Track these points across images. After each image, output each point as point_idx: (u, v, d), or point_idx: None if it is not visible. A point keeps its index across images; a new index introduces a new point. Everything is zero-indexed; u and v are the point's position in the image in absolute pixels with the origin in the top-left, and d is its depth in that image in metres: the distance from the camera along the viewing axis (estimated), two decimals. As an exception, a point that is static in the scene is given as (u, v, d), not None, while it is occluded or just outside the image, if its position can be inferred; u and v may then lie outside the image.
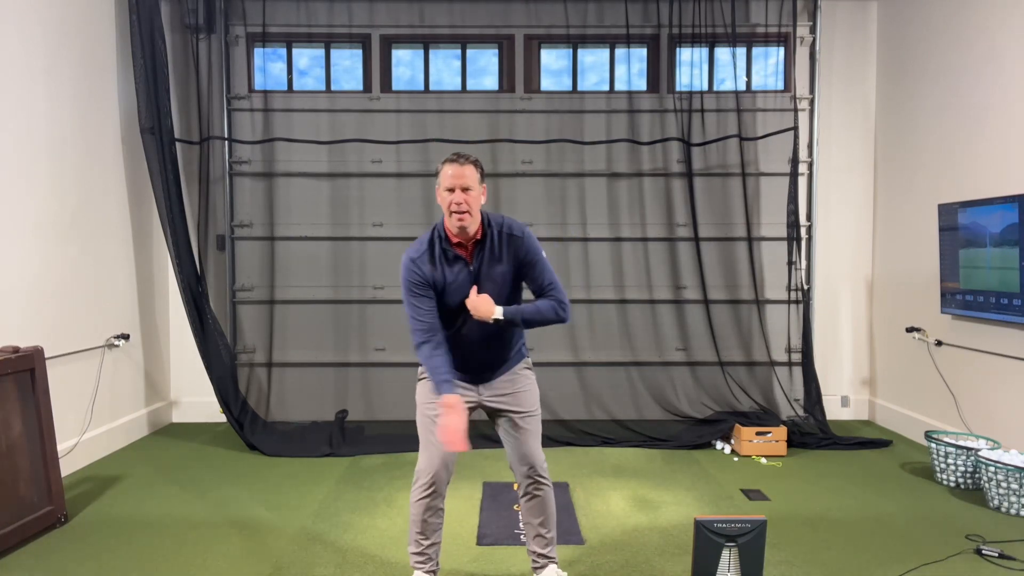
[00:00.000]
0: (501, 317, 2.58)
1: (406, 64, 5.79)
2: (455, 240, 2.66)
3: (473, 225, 2.62)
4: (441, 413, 2.56)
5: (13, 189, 4.00)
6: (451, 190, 2.57)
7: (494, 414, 2.84)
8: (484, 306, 2.59)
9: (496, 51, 5.80)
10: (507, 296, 2.69)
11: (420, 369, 2.87)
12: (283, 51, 5.76)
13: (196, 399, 5.77)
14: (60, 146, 4.41)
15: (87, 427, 4.64)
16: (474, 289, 2.63)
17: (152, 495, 4.09)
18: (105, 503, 3.95)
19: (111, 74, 4.99)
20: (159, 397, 5.65)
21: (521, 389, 2.80)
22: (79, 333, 4.58)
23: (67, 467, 4.33)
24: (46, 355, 3.75)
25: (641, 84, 5.78)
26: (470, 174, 2.58)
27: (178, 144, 5.34)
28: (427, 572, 2.78)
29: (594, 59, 5.82)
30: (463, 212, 2.56)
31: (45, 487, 3.57)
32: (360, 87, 5.76)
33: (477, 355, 2.75)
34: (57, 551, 3.32)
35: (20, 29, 4.06)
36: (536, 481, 2.79)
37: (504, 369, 2.80)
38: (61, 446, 4.19)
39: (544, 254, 2.71)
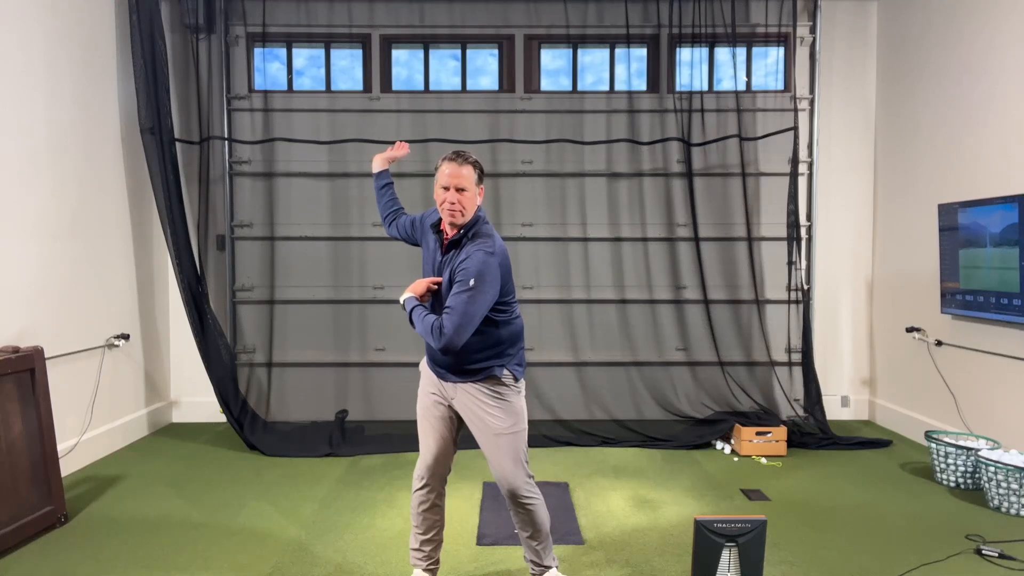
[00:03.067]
0: (400, 302, 2.66)
1: (402, 64, 5.78)
2: (442, 227, 2.71)
3: (462, 223, 2.63)
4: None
5: (13, 189, 4.00)
6: (446, 188, 2.58)
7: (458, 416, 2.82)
8: (412, 288, 2.65)
9: (494, 51, 5.80)
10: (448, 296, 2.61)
11: (421, 363, 2.90)
12: (279, 51, 5.76)
13: (196, 399, 5.77)
14: (60, 146, 4.40)
15: (87, 427, 4.64)
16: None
17: (152, 495, 4.09)
18: (105, 503, 3.95)
19: (111, 74, 4.99)
20: (159, 397, 5.65)
21: (477, 411, 2.69)
22: (79, 333, 4.57)
23: (67, 467, 4.33)
24: (46, 355, 3.75)
25: (641, 84, 5.78)
26: (467, 174, 2.58)
27: (178, 144, 5.33)
28: (425, 571, 2.78)
29: (591, 59, 5.82)
30: (455, 212, 2.57)
31: (45, 487, 3.56)
32: (357, 87, 5.76)
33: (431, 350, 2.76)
34: (57, 551, 3.32)
35: (20, 29, 4.06)
36: (518, 501, 2.70)
37: (464, 379, 2.70)
38: (61, 446, 4.18)
39: (476, 283, 2.50)
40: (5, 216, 3.93)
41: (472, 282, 2.49)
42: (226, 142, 5.60)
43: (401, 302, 2.64)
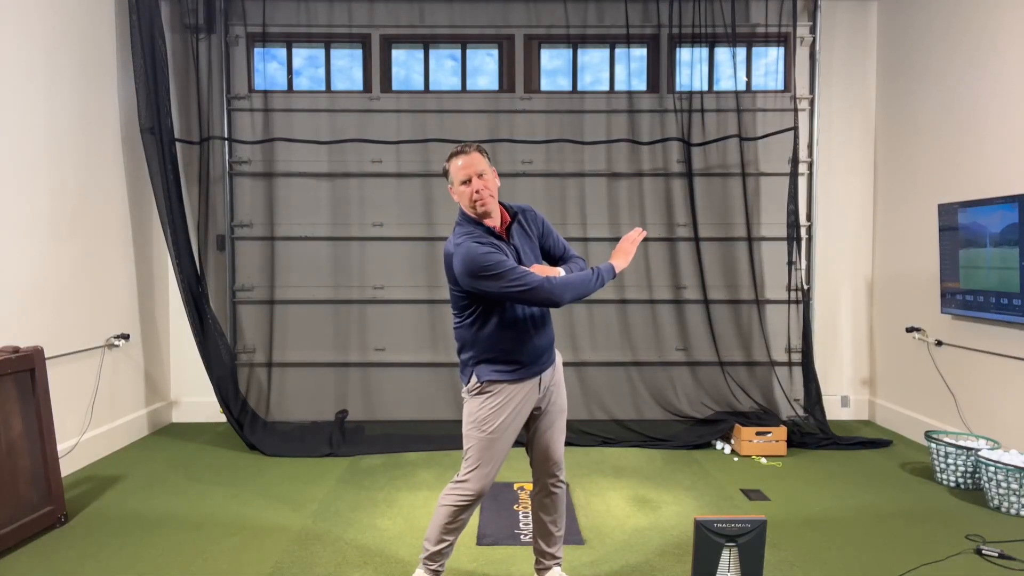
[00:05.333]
0: (564, 274, 2.63)
1: (400, 64, 5.78)
2: (490, 225, 2.62)
3: (496, 207, 2.62)
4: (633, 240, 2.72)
5: (13, 189, 4.00)
6: (467, 182, 2.56)
7: (538, 409, 2.74)
8: (549, 272, 2.59)
9: (491, 51, 5.80)
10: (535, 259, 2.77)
11: (470, 384, 2.67)
12: (277, 51, 5.75)
13: (196, 399, 5.77)
14: (60, 146, 4.41)
15: (87, 427, 4.64)
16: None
17: (152, 495, 4.09)
18: (105, 503, 3.95)
19: (111, 74, 4.99)
20: (159, 397, 5.65)
21: (562, 382, 2.83)
22: (79, 333, 4.57)
23: (67, 467, 4.33)
24: (46, 355, 3.75)
25: (641, 84, 5.78)
26: (478, 160, 2.58)
27: (178, 144, 5.34)
28: (433, 571, 2.76)
29: (589, 58, 5.81)
30: (486, 198, 2.56)
31: (45, 487, 3.56)
32: (355, 87, 5.76)
33: (536, 338, 2.65)
34: (57, 551, 3.32)
35: (20, 29, 4.06)
36: (557, 479, 2.83)
37: (554, 355, 2.80)
38: (61, 446, 4.19)
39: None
40: (5, 216, 3.93)
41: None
42: (226, 142, 5.60)
43: (562, 273, 2.62)
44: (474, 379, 2.66)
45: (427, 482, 4.34)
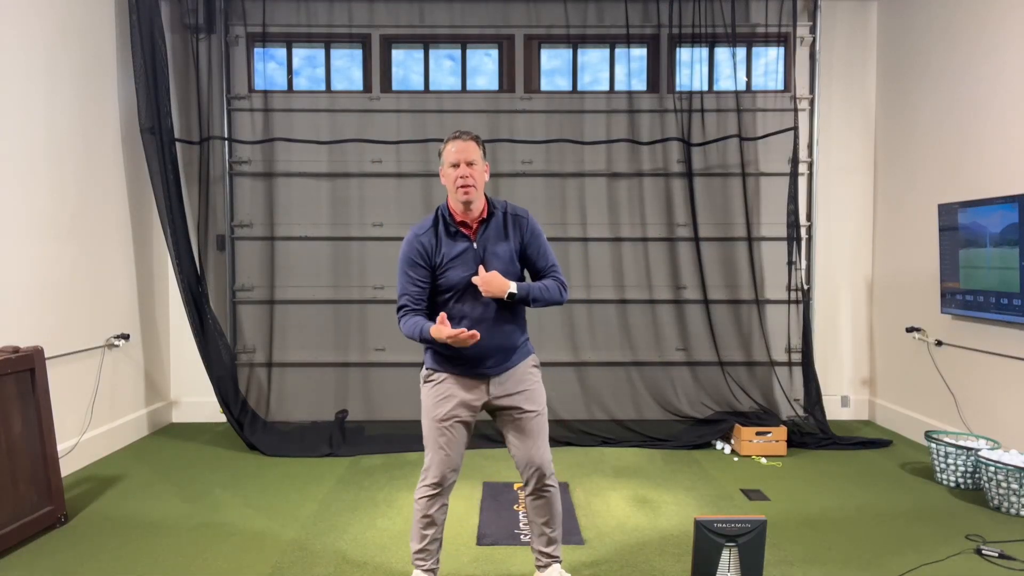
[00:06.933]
0: (515, 291, 2.58)
1: (398, 64, 5.78)
2: (459, 219, 2.67)
3: (478, 201, 2.64)
4: (450, 336, 2.44)
5: (13, 189, 4.00)
6: (456, 165, 2.59)
7: (501, 414, 2.75)
8: (496, 281, 2.57)
9: (490, 51, 5.80)
10: (514, 275, 2.69)
11: (424, 372, 2.77)
12: (276, 51, 5.75)
13: (196, 399, 5.77)
14: (60, 146, 4.41)
15: (87, 427, 4.64)
16: (481, 268, 2.61)
17: (152, 495, 4.09)
18: (105, 503, 3.95)
19: (111, 74, 4.99)
20: (159, 397, 5.65)
21: (530, 387, 2.74)
22: (79, 333, 4.57)
23: (67, 467, 4.33)
24: (46, 355, 3.74)
25: (641, 84, 5.78)
26: (473, 149, 2.62)
27: (178, 144, 5.34)
28: (427, 571, 2.77)
29: (587, 58, 5.81)
30: (468, 186, 2.58)
31: (45, 487, 3.56)
32: (353, 87, 5.76)
33: (485, 342, 2.61)
34: (57, 551, 3.32)
35: (20, 29, 4.06)
36: (544, 484, 2.76)
37: (513, 361, 2.72)
38: (61, 446, 4.19)
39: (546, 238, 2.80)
40: (5, 216, 3.93)
41: (544, 235, 2.78)
42: (226, 142, 5.60)
43: (506, 295, 2.56)
44: (424, 366, 2.77)
45: (427, 482, 4.33)
